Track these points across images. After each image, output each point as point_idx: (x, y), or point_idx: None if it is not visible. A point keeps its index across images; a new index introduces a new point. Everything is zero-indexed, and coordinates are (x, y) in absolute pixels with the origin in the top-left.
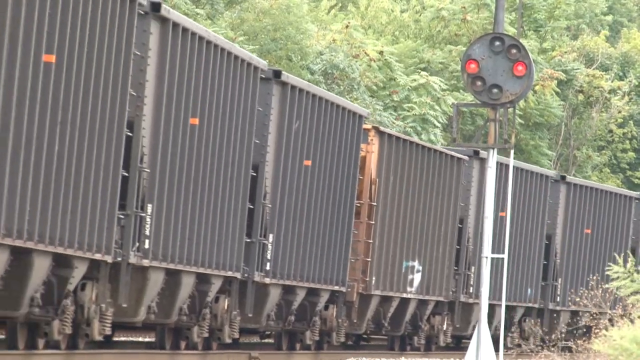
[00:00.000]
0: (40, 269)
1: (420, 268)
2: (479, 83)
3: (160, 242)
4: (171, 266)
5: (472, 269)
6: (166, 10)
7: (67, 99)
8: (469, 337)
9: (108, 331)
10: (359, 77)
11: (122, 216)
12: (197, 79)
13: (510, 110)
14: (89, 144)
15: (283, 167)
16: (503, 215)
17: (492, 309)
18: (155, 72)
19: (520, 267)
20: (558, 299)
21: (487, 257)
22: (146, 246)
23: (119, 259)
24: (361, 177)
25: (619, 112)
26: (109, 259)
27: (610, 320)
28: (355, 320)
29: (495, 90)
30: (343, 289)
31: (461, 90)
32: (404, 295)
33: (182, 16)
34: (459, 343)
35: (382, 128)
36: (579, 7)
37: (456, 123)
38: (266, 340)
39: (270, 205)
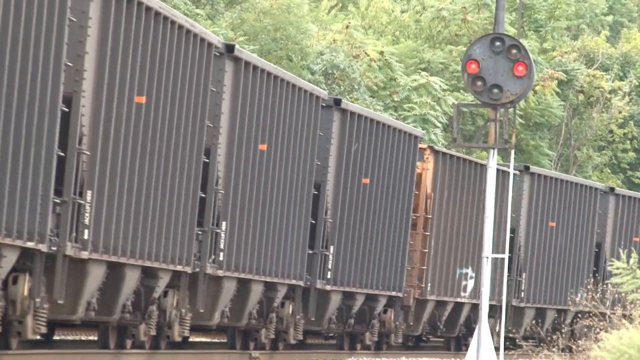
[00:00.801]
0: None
1: (474, 275)
2: (479, 83)
3: (233, 254)
4: (242, 275)
5: (524, 275)
6: (239, 51)
7: (154, 133)
8: (525, 338)
9: (187, 333)
10: (359, 77)
11: (199, 232)
12: (265, 109)
13: (511, 110)
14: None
15: (343, 186)
16: (552, 226)
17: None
18: (230, 104)
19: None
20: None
21: (487, 257)
22: (220, 258)
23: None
24: (417, 192)
25: (620, 112)
26: (188, 269)
27: (610, 320)
28: (411, 323)
29: (495, 91)
30: (400, 295)
31: (462, 91)
32: (458, 300)
33: (252, 55)
34: (512, 344)
35: (436, 147)
36: (579, 7)
37: (457, 123)
38: (329, 342)
39: (331, 220)
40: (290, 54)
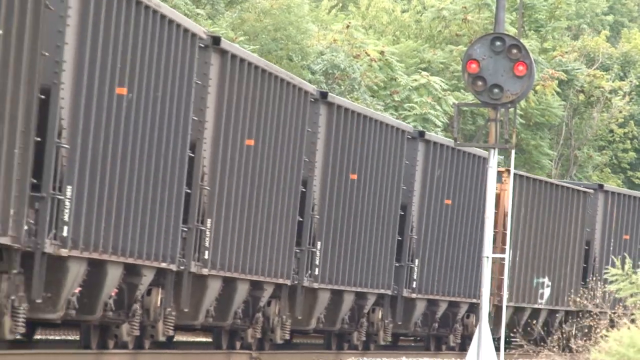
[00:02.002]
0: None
1: (550, 283)
2: (479, 83)
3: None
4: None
5: (599, 283)
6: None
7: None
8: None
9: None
10: (359, 77)
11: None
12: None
13: (511, 110)
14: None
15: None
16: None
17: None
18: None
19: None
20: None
21: (487, 257)
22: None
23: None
24: (496, 211)
25: (620, 112)
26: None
27: (612, 320)
28: (491, 327)
29: (496, 90)
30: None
31: (462, 90)
32: (535, 306)
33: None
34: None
35: (513, 170)
36: (580, 7)
37: (457, 123)
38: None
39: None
40: (291, 54)
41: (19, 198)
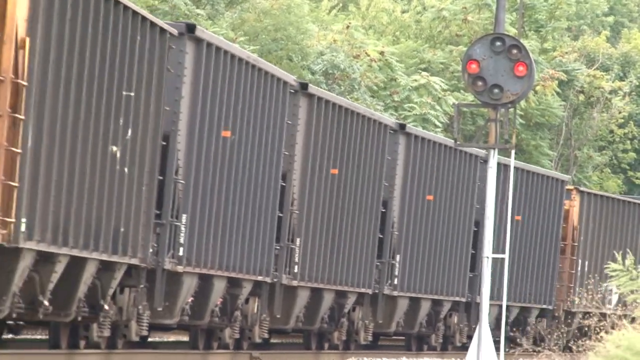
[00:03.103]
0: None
1: (618, 290)
2: (479, 83)
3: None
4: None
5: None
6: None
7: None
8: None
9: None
10: (359, 77)
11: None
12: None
13: (511, 110)
14: None
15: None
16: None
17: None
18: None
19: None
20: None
21: (487, 257)
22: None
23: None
24: (564, 225)
25: (620, 112)
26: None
27: (612, 322)
28: (562, 331)
29: (496, 91)
30: (550, 307)
31: (462, 91)
32: (603, 311)
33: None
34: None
35: (581, 188)
36: (580, 7)
37: (457, 123)
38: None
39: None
40: (291, 54)
41: (146, 226)
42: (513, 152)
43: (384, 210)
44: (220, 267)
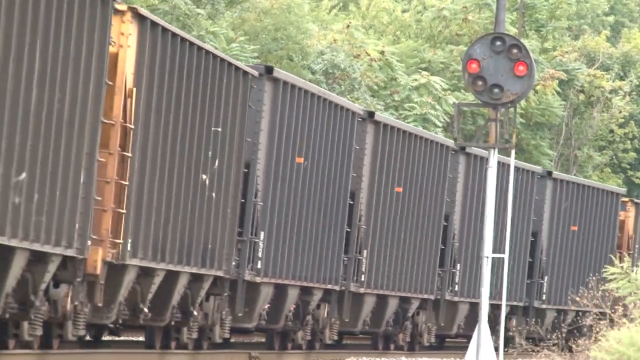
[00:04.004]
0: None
1: None
2: (480, 83)
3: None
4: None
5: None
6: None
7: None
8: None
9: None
10: (360, 77)
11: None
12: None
13: (511, 110)
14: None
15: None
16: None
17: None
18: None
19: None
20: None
21: (487, 257)
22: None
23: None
24: (620, 235)
25: (620, 112)
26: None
27: (612, 320)
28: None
29: (496, 90)
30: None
31: (462, 90)
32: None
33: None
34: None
35: (635, 200)
36: (581, 7)
37: (457, 123)
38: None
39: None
40: (291, 53)
41: (229, 242)
42: (513, 151)
43: (445, 224)
44: (293, 277)
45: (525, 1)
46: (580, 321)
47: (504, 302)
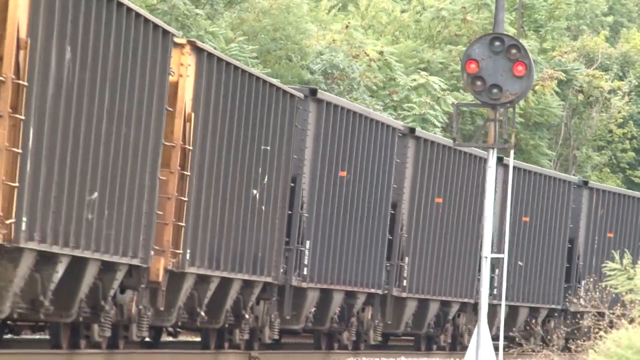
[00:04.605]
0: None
1: None
2: (478, 83)
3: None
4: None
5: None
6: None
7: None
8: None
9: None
10: (358, 77)
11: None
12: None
13: (510, 110)
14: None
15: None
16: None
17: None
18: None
19: None
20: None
21: (487, 257)
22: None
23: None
24: None
25: (619, 112)
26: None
27: (610, 321)
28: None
29: (495, 90)
30: None
31: (461, 90)
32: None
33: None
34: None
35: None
36: (580, 8)
37: (456, 123)
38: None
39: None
40: (290, 53)
41: (277, 251)
42: (512, 151)
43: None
44: (338, 282)
45: (524, 1)
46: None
47: (503, 303)
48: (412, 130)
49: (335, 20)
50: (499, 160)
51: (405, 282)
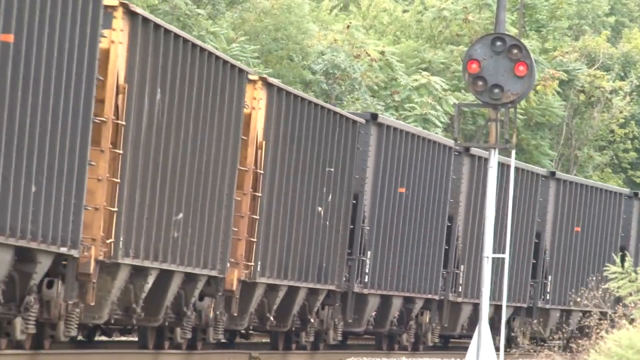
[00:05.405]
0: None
1: None
2: (480, 83)
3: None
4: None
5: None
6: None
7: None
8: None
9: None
10: (360, 77)
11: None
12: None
13: (512, 110)
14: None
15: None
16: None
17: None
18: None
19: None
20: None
21: (487, 257)
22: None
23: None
24: None
25: (621, 112)
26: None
27: (612, 320)
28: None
29: (496, 90)
30: None
31: (462, 90)
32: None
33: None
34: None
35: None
36: (581, 8)
37: (457, 123)
38: None
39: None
40: (291, 53)
41: (340, 260)
42: (513, 152)
43: (537, 241)
44: (397, 289)
45: (525, 1)
46: (581, 321)
47: (504, 303)
48: (467, 149)
49: (336, 20)
50: (552, 174)
51: (460, 288)
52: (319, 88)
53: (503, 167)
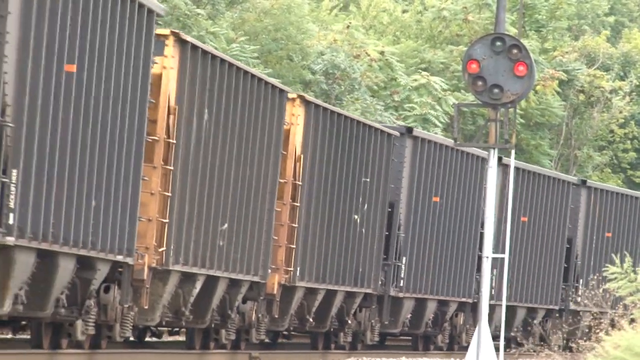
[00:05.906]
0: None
1: None
2: (480, 83)
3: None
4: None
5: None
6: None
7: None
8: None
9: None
10: (360, 77)
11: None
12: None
13: (511, 110)
14: None
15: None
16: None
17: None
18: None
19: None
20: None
21: (487, 257)
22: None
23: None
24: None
25: (620, 112)
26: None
27: (612, 320)
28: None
29: (496, 91)
30: None
31: (462, 90)
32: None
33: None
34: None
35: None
36: (581, 8)
37: (457, 123)
38: None
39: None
40: (291, 53)
41: (376, 266)
42: (513, 151)
43: (568, 246)
44: (431, 292)
45: (525, 1)
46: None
47: (504, 303)
48: (500, 159)
49: (336, 20)
50: (583, 183)
51: (493, 291)
52: (319, 88)
53: (529, 174)
